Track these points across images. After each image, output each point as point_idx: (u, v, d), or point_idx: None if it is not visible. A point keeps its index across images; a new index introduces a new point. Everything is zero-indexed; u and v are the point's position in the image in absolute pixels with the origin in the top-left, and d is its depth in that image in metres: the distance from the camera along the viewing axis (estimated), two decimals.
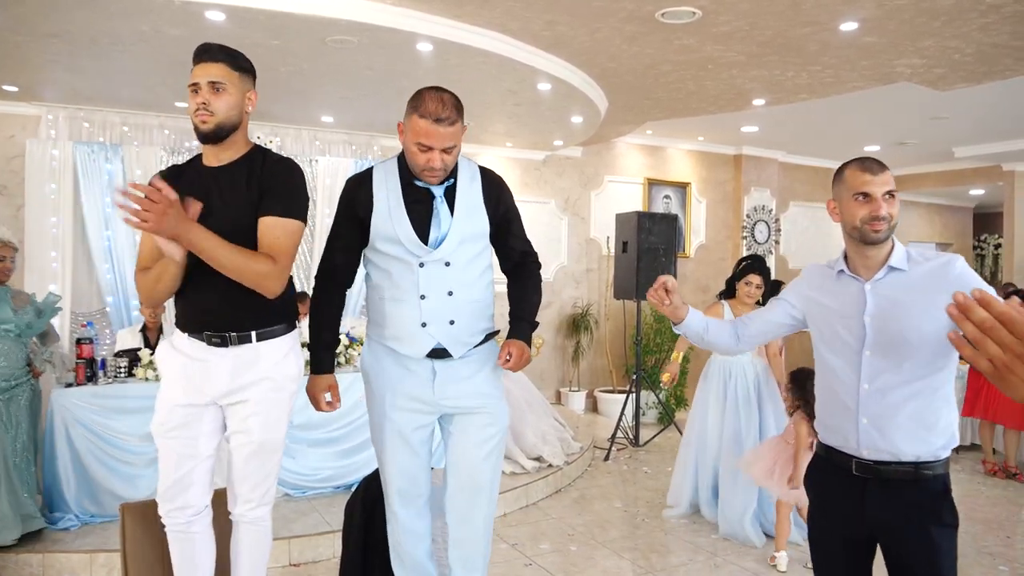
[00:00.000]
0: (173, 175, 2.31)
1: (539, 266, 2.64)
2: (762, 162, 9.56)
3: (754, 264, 4.55)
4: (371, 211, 2.39)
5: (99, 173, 5.86)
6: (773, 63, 5.28)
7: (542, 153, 8.19)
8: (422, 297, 2.37)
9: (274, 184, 2.26)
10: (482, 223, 2.45)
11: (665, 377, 4.76)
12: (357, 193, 2.42)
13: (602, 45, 4.88)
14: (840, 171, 2.08)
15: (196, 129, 2.24)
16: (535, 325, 2.56)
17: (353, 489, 2.98)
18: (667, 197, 9.06)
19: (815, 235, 10.34)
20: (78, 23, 4.11)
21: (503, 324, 2.47)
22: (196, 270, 2.24)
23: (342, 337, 4.81)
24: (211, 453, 2.38)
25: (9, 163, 6.00)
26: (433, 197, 2.39)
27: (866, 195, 1.99)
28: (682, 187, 9.16)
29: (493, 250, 2.57)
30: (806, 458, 3.72)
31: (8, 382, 3.86)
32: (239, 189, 2.26)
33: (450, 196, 2.41)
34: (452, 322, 2.39)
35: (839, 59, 5.15)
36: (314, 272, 2.62)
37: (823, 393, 2.14)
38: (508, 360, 2.40)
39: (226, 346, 2.28)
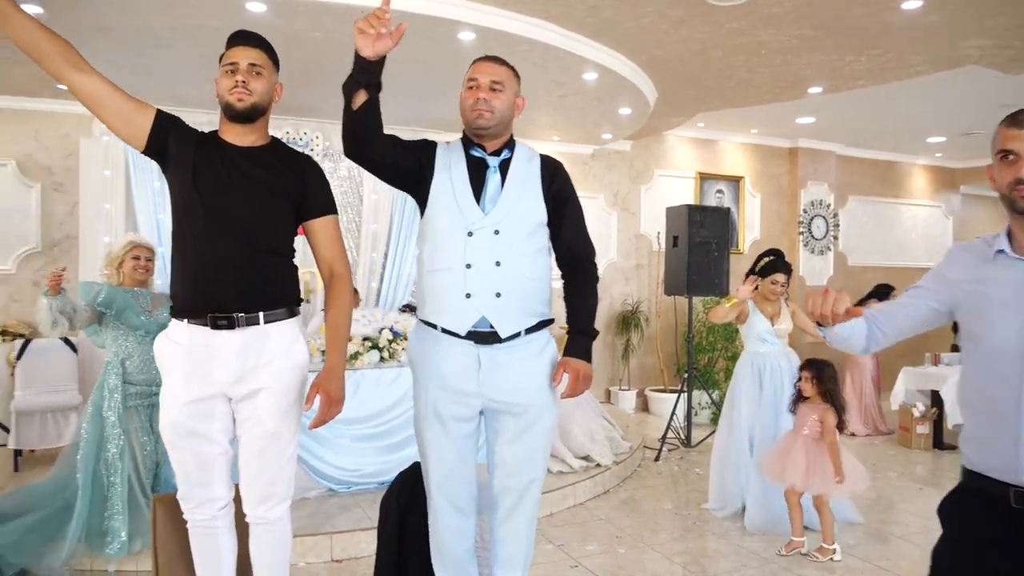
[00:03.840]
0: (204, 142, 2.28)
1: (594, 266, 2.49)
2: (819, 155, 9.25)
3: (778, 262, 4.52)
4: (432, 167, 2.37)
5: (149, 169, 5.94)
6: (830, 47, 5.05)
7: (590, 147, 8.05)
8: (467, 266, 2.28)
9: (314, 182, 2.36)
10: (535, 197, 2.38)
11: (734, 300, 4.59)
12: (426, 142, 2.44)
13: (649, 31, 4.73)
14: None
15: (230, 107, 2.23)
16: (594, 335, 2.40)
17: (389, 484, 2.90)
18: (720, 191, 8.83)
19: (876, 231, 9.97)
20: (120, 18, 4.16)
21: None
22: (201, 251, 2.20)
23: (385, 332, 4.76)
24: (227, 447, 2.31)
25: (64, 160, 6.15)
26: (488, 167, 2.37)
27: (1008, 153, 1.64)
28: (735, 181, 8.91)
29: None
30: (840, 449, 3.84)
31: (150, 387, 3.78)
32: (265, 172, 2.27)
33: (504, 171, 2.38)
34: (499, 295, 2.28)
35: (901, 41, 4.90)
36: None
37: (973, 402, 1.76)
38: (567, 382, 2.30)
39: (233, 328, 2.20)
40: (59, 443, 5.06)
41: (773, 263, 4.53)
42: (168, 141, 2.23)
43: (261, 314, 2.23)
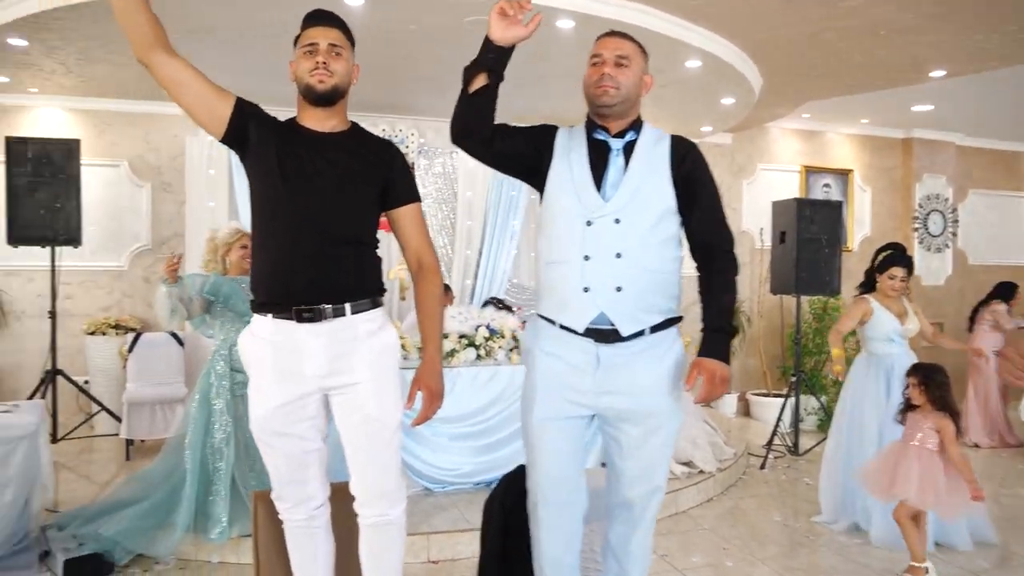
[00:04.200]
0: (284, 129, 2.20)
1: (732, 256, 2.27)
2: (936, 146, 8.67)
3: (896, 255, 4.20)
4: (551, 154, 2.25)
5: None
6: (957, 25, 4.65)
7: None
8: (585, 258, 2.13)
9: (398, 169, 2.27)
10: (661, 181, 2.19)
11: (837, 368, 4.35)
12: (545, 127, 2.35)
13: (757, 12, 4.47)
14: None
15: (310, 90, 2.14)
16: (732, 333, 2.20)
17: (493, 487, 2.78)
18: (827, 186, 8.39)
19: (999, 227, 9.28)
20: (225, 17, 4.22)
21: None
22: (283, 242, 2.11)
23: (481, 329, 4.67)
24: (321, 444, 2.23)
25: (173, 161, 6.37)
26: (611, 150, 2.22)
27: None
28: (843, 174, 8.45)
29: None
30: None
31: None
32: (348, 159, 2.17)
33: (629, 154, 2.21)
34: (619, 289, 2.11)
35: None
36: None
37: None
38: (700, 386, 2.11)
39: (318, 321, 2.10)
40: (166, 434, 5.21)
41: (891, 256, 4.22)
42: (248, 129, 2.15)
43: (348, 305, 2.13)
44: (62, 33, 4.60)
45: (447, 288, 6.09)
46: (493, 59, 2.08)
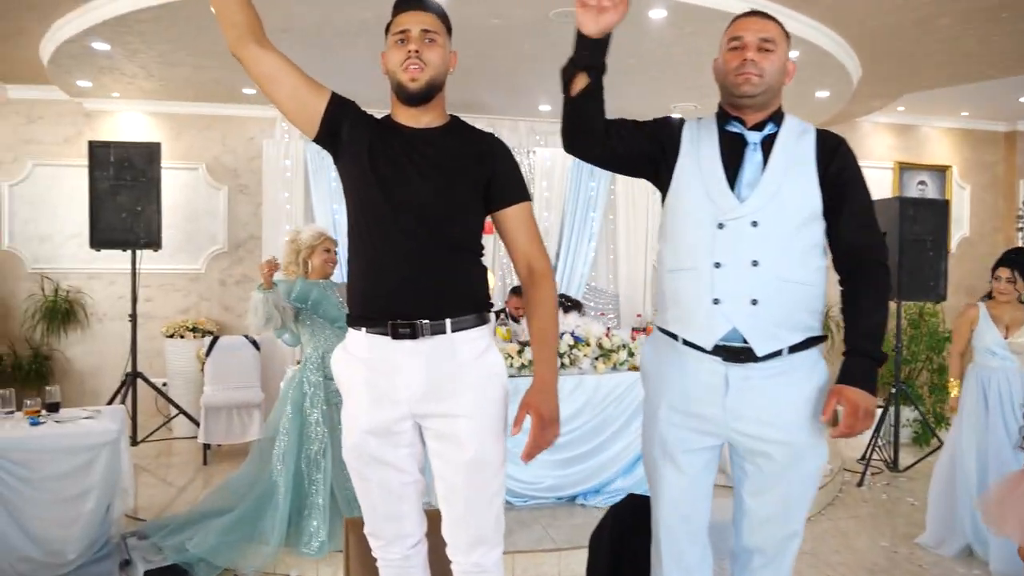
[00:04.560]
0: (379, 127, 1.99)
1: (883, 268, 1.97)
2: None
3: (1006, 256, 3.93)
4: (677, 150, 2.00)
5: (327, 171, 6.02)
6: None
7: None
8: (716, 265, 1.87)
9: (503, 165, 2.02)
10: (806, 181, 1.91)
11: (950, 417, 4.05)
12: (668, 119, 2.10)
13: None
14: None
15: (403, 89, 1.91)
16: (880, 360, 1.89)
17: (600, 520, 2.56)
18: (922, 183, 7.90)
19: None
20: (303, 16, 4.12)
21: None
22: (378, 250, 1.91)
23: (566, 336, 4.46)
24: (419, 476, 2.02)
25: (249, 163, 6.37)
26: (747, 145, 1.95)
27: None
28: (941, 171, 7.94)
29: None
30: None
31: None
32: (447, 157, 1.95)
33: (768, 149, 1.95)
34: (755, 302, 1.85)
35: None
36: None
37: None
38: (837, 417, 1.83)
39: (416, 338, 1.88)
40: (243, 439, 5.17)
41: (1000, 258, 3.92)
42: (342, 126, 1.96)
43: (448, 321, 1.90)
44: (144, 36, 4.59)
45: (517, 289, 5.90)
46: (588, 55, 1.86)
